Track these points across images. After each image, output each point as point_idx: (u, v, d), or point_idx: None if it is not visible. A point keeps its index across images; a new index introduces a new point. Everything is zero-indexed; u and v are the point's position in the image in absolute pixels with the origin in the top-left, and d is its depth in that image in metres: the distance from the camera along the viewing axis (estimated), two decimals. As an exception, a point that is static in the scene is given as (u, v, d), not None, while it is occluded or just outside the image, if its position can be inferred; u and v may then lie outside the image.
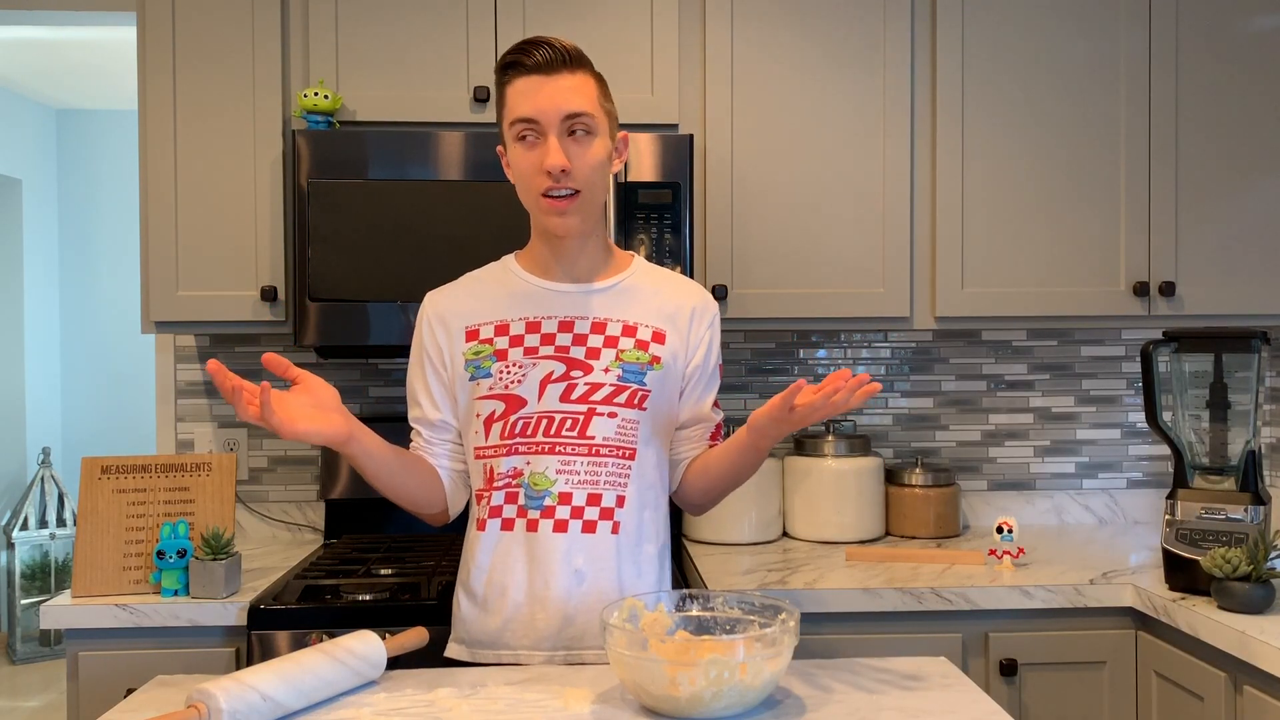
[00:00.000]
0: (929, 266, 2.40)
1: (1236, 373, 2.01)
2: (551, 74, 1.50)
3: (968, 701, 1.33)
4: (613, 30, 2.31)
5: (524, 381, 1.56)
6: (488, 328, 1.60)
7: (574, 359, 1.57)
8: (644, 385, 1.57)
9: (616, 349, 1.57)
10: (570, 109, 1.49)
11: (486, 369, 1.58)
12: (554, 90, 1.49)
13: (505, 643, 1.56)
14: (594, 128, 1.52)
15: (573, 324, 1.58)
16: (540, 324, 1.59)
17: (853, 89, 2.37)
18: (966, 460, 2.74)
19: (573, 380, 1.56)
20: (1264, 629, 1.72)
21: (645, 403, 1.57)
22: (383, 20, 2.28)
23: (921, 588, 2.02)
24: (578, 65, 1.52)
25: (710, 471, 1.63)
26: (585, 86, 1.52)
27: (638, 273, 1.66)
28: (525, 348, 1.58)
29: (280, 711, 1.27)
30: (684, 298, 1.65)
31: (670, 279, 1.68)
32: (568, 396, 1.55)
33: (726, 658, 1.22)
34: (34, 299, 5.50)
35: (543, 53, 1.50)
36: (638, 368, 1.57)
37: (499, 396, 1.57)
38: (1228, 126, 2.41)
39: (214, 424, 2.60)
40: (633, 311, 1.61)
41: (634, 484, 1.57)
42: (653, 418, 1.58)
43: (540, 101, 1.49)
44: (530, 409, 1.56)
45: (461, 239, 2.18)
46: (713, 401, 1.67)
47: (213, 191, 2.27)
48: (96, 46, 4.51)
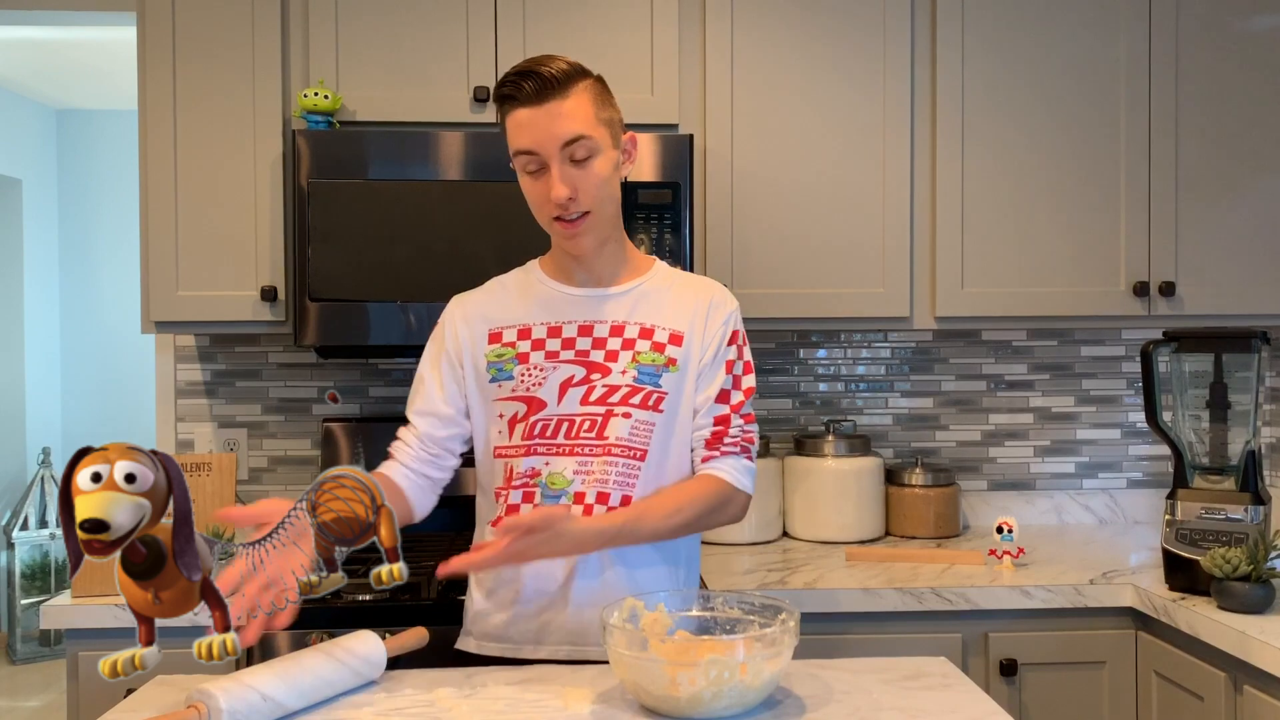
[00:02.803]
0: (929, 266, 2.40)
1: (1236, 373, 2.01)
2: (543, 103, 1.50)
3: (968, 701, 1.33)
4: (613, 30, 2.31)
5: (544, 385, 1.58)
6: (510, 331, 1.63)
7: (593, 362, 1.59)
8: (659, 387, 1.58)
9: (633, 351, 1.59)
10: (566, 136, 1.50)
11: (509, 371, 1.60)
12: (549, 120, 1.50)
13: (512, 637, 1.58)
14: (594, 148, 1.53)
15: (592, 328, 1.60)
16: (561, 328, 1.61)
17: (853, 89, 2.37)
18: (966, 460, 2.74)
19: (591, 383, 1.58)
20: (1264, 629, 1.72)
21: (661, 405, 1.58)
22: (383, 20, 2.28)
23: (921, 588, 2.02)
24: (569, 86, 1.51)
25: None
26: (580, 108, 1.52)
27: (657, 276, 1.67)
28: (547, 351, 1.60)
29: (280, 711, 1.26)
30: (701, 295, 1.65)
31: (689, 280, 1.69)
32: (587, 399, 1.57)
33: (726, 658, 1.22)
34: (34, 299, 5.49)
35: (531, 83, 1.50)
36: (654, 370, 1.58)
37: (521, 399, 1.59)
38: (1228, 126, 2.41)
39: (214, 424, 2.60)
40: (651, 314, 1.62)
41: (642, 485, 1.57)
42: (669, 420, 1.59)
43: (537, 134, 1.50)
44: (550, 411, 1.58)
45: (461, 239, 2.18)
46: (713, 395, 1.61)
47: (213, 191, 2.27)
48: (96, 46, 4.51)
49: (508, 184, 1.63)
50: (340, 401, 2.62)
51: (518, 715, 1.28)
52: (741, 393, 1.63)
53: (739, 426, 1.62)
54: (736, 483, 1.60)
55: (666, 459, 1.60)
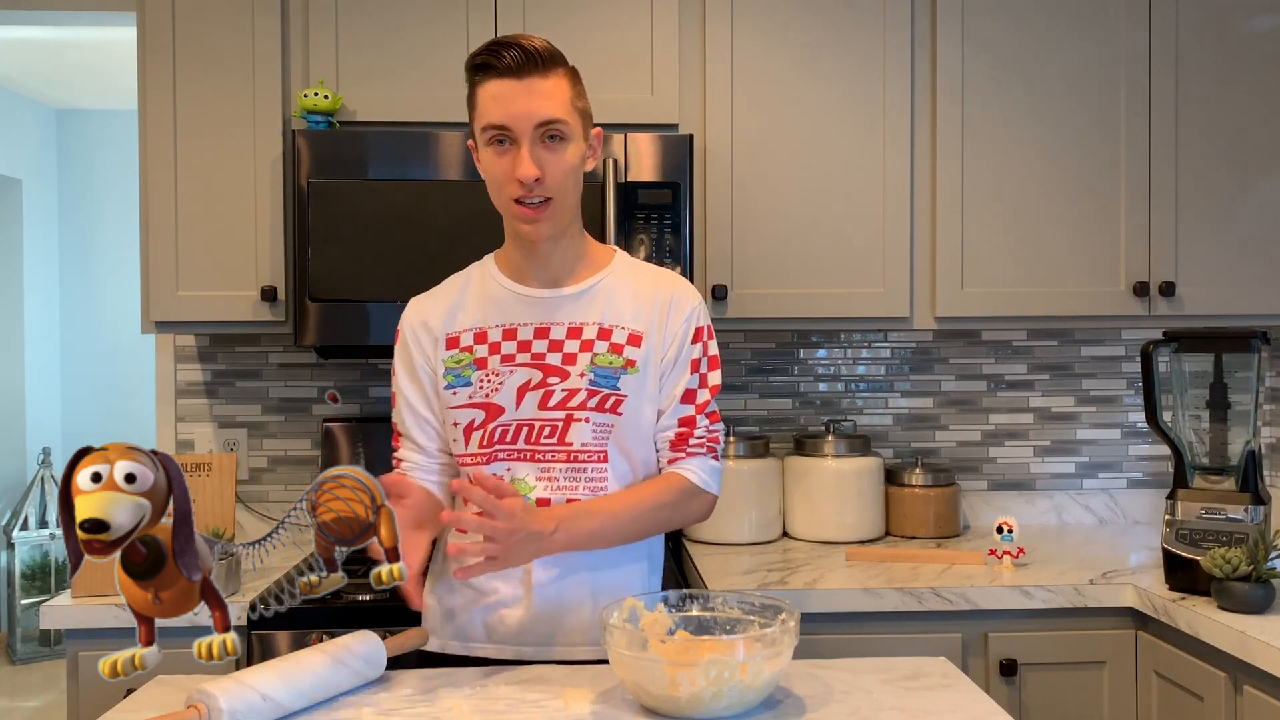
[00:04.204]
0: (929, 266, 2.40)
1: (1236, 373, 2.01)
2: (523, 78, 1.47)
3: (968, 701, 1.33)
4: (612, 30, 2.31)
5: (501, 390, 1.55)
6: (467, 335, 1.60)
7: (550, 365, 1.55)
8: (618, 390, 1.55)
9: (591, 354, 1.55)
10: (542, 116, 1.48)
11: (466, 378, 1.57)
12: (527, 97, 1.47)
13: (475, 637, 1.57)
14: (566, 133, 1.50)
15: (548, 330, 1.57)
16: (516, 330, 1.58)
17: (853, 89, 2.37)
18: (966, 460, 2.74)
19: (549, 387, 1.55)
20: (1264, 629, 1.72)
21: (621, 407, 1.54)
22: (383, 20, 2.28)
23: (921, 588, 2.02)
24: (550, 66, 1.49)
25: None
26: (558, 90, 1.50)
27: (616, 271, 1.62)
28: (503, 355, 1.57)
29: (280, 711, 1.26)
30: (661, 290, 1.60)
31: (650, 274, 1.64)
32: (545, 404, 1.54)
33: (726, 658, 1.22)
34: (34, 299, 5.49)
35: (514, 55, 1.47)
36: (611, 372, 1.55)
37: (479, 405, 1.56)
38: (1228, 126, 2.41)
39: (214, 424, 2.60)
40: (609, 313, 1.58)
41: (611, 488, 1.55)
42: (630, 422, 1.55)
43: (513, 109, 1.47)
44: (509, 417, 1.55)
45: (461, 239, 2.18)
46: (678, 396, 1.58)
47: (213, 191, 2.27)
48: (96, 46, 4.51)
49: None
50: (340, 401, 2.62)
51: (518, 715, 1.28)
52: (708, 391, 1.60)
53: (704, 427, 1.60)
54: (703, 483, 1.58)
55: (627, 460, 1.57)
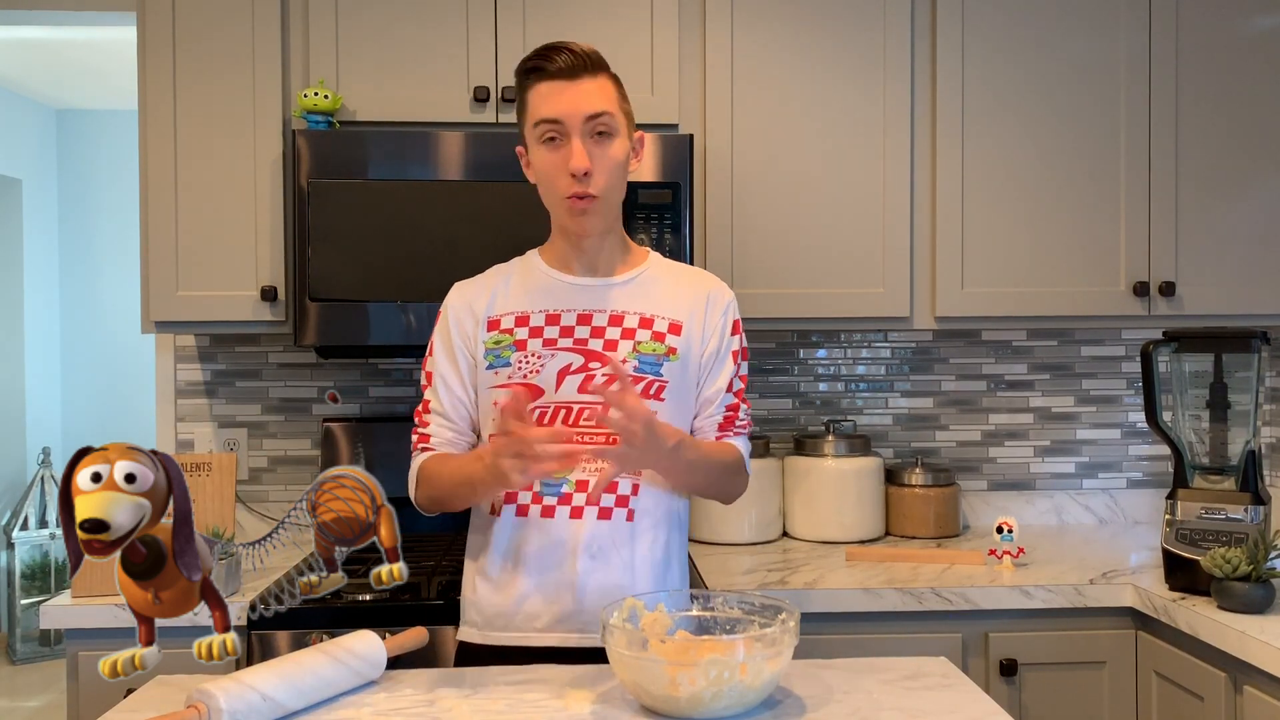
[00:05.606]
0: (929, 266, 2.40)
1: (1236, 373, 2.01)
2: (574, 79, 1.55)
3: (968, 701, 1.33)
4: (613, 30, 2.31)
5: (541, 372, 1.59)
6: (509, 318, 1.63)
7: (592, 351, 1.59)
8: (660, 376, 1.60)
9: (634, 341, 1.60)
10: (593, 109, 1.54)
11: (506, 359, 1.61)
12: (577, 93, 1.54)
13: (518, 625, 1.58)
14: (615, 128, 1.57)
15: (591, 316, 1.61)
16: (560, 316, 1.62)
17: (853, 89, 2.37)
18: (966, 460, 2.74)
19: (591, 372, 1.58)
20: (1264, 629, 1.72)
21: (663, 394, 1.59)
22: (383, 20, 2.28)
23: (921, 588, 2.02)
24: (598, 69, 1.57)
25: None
26: (606, 89, 1.57)
27: (654, 266, 1.69)
28: (545, 339, 1.60)
29: (280, 711, 1.26)
30: (699, 286, 1.68)
31: (686, 270, 1.72)
32: (585, 388, 1.57)
33: (726, 658, 1.22)
34: (34, 299, 5.49)
35: (565, 58, 1.54)
36: (654, 359, 1.60)
37: (518, 386, 1.59)
38: (1228, 126, 2.41)
39: (214, 424, 2.60)
40: (650, 304, 1.63)
41: (646, 475, 1.59)
42: (671, 408, 1.60)
43: (564, 104, 1.54)
44: (547, 399, 1.58)
45: (461, 239, 2.18)
46: (724, 386, 1.66)
47: (213, 191, 2.27)
48: (96, 46, 4.51)
49: (507, 184, 1.63)
50: (340, 401, 2.62)
51: (518, 715, 1.28)
52: (741, 380, 1.69)
53: (745, 411, 1.69)
54: (746, 463, 1.69)
55: None
